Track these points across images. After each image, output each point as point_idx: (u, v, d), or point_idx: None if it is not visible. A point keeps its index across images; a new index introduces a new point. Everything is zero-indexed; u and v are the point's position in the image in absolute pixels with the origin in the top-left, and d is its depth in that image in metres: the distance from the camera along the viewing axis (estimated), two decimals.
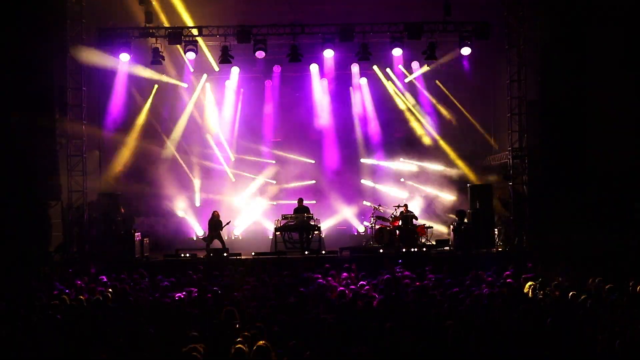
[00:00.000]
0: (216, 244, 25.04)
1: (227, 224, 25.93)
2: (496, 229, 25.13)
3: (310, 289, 16.41)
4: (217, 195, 30.14)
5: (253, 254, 24.20)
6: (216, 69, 29.05)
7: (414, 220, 25.62)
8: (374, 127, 31.11)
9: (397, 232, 25.44)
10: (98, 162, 26.51)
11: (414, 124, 30.77)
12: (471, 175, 28.85)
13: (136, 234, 24.33)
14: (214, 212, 25.75)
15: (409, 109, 30.86)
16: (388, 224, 26.00)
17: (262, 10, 26.34)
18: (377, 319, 12.76)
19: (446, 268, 19.29)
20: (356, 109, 31.23)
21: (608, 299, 14.13)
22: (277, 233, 25.43)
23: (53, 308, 14.21)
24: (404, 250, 24.32)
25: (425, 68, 29.65)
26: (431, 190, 29.61)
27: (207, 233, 25.66)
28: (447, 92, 30.38)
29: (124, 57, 25.46)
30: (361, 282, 17.03)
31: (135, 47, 25.82)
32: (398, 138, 31.12)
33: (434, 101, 30.59)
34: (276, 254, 24.21)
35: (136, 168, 29.30)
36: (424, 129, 30.59)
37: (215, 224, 25.30)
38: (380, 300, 14.69)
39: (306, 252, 24.44)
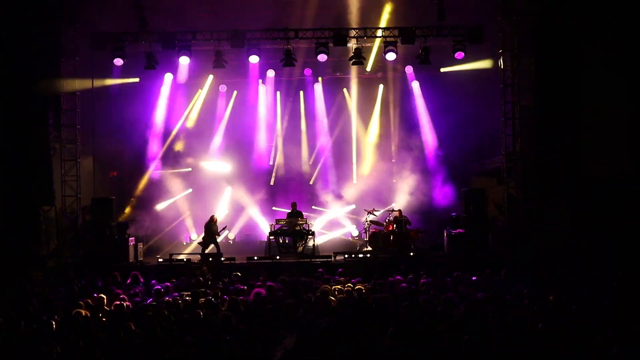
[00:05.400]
0: (211, 249, 25.00)
1: (224, 229, 25.94)
2: (490, 234, 25.12)
3: (304, 294, 16.38)
4: (210, 199, 30.15)
5: (247, 258, 24.21)
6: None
7: (407, 225, 25.62)
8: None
9: (391, 236, 25.43)
10: (92, 167, 26.45)
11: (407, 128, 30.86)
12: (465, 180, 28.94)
13: (130, 238, 24.33)
14: (212, 216, 25.76)
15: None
16: (382, 228, 25.99)
17: (256, 15, 26.35)
18: (371, 323, 12.77)
19: (440, 272, 19.28)
20: (352, 112, 31.24)
21: (601, 303, 14.15)
22: (271, 237, 25.44)
23: (46, 313, 14.18)
24: (397, 254, 24.38)
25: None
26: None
27: (202, 237, 25.68)
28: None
29: (118, 61, 25.52)
30: (358, 287, 17.01)
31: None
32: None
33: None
34: (270, 259, 24.24)
35: (130, 173, 29.38)
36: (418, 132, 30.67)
37: (211, 229, 25.27)
38: (373, 304, 14.69)
39: (300, 257, 24.50)
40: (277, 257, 24.49)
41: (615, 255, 21.24)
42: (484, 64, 27.87)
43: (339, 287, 17.02)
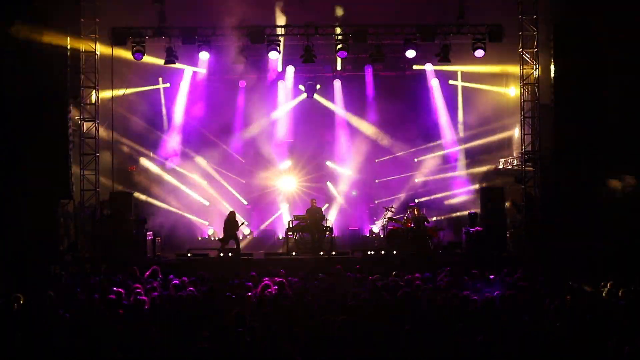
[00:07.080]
0: (231, 244, 24.96)
1: (242, 224, 25.91)
2: (508, 232, 25.05)
3: (320, 290, 16.38)
4: (228, 194, 30.21)
5: (264, 254, 24.23)
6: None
7: (425, 222, 25.58)
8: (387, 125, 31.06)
9: (409, 234, 25.38)
10: (111, 161, 26.48)
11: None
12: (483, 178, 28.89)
13: (148, 233, 24.38)
14: (231, 211, 25.66)
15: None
16: (400, 225, 25.95)
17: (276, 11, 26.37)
18: (389, 320, 12.74)
19: (457, 270, 19.21)
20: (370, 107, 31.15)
21: (618, 304, 14.08)
22: (289, 233, 25.47)
23: (64, 307, 14.23)
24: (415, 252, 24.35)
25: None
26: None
27: (218, 233, 25.69)
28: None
29: (138, 56, 25.53)
30: (377, 283, 16.94)
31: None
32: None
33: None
34: (287, 255, 24.24)
35: (148, 167, 29.46)
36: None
37: (231, 224, 25.18)
38: (392, 302, 14.65)
39: (321, 253, 24.48)
40: (295, 253, 24.52)
41: (632, 257, 21.10)
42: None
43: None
